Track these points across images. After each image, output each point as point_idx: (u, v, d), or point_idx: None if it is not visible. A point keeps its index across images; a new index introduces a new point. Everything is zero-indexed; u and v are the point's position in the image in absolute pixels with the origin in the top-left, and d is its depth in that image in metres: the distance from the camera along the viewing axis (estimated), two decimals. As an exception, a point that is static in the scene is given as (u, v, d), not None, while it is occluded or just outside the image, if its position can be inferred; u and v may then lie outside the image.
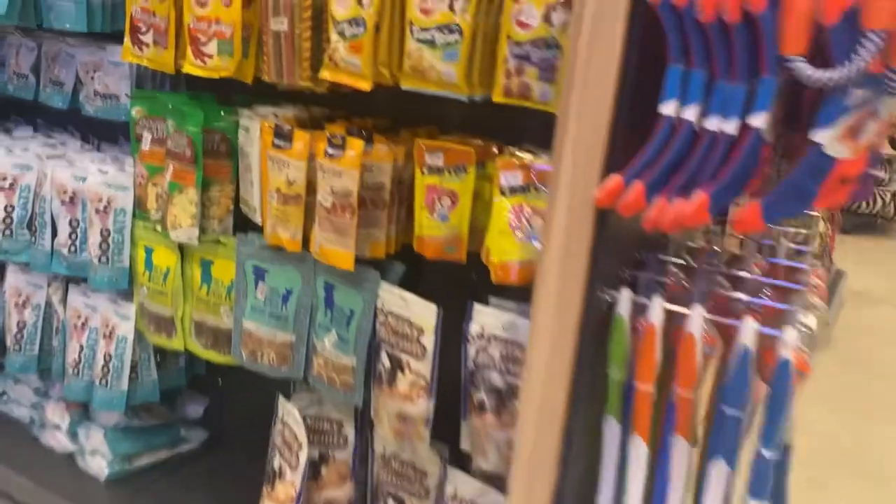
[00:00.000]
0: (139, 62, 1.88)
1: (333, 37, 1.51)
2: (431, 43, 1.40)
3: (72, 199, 2.06)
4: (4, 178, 2.17)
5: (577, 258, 1.17)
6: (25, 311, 2.27)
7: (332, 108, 1.86)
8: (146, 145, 1.94)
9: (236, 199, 1.88)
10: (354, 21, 1.46)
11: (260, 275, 1.81)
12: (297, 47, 1.59)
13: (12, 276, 2.29)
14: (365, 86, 1.49)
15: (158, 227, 1.94)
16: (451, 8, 1.37)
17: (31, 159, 2.17)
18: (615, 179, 1.11)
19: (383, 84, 1.51)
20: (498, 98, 1.40)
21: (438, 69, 1.40)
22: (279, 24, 1.59)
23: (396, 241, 1.68)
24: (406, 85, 1.47)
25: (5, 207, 2.17)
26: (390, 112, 1.80)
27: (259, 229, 1.79)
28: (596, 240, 1.17)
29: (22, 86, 2.31)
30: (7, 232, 2.18)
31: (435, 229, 1.55)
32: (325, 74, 1.55)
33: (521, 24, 1.34)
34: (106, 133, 2.31)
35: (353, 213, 1.56)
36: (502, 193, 1.43)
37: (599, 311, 1.26)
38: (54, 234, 2.12)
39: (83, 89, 2.16)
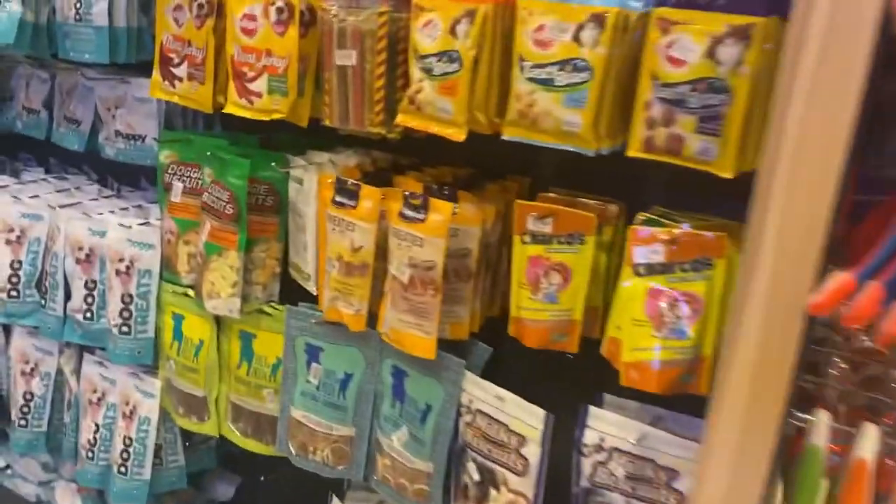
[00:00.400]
0: (170, 99, 1.60)
1: (416, 74, 1.22)
2: (549, 83, 1.10)
3: (88, 258, 1.76)
4: (11, 230, 1.88)
5: (775, 376, 0.87)
6: (33, 380, 1.98)
7: (399, 153, 1.56)
8: (177, 196, 1.65)
9: (284, 261, 1.59)
10: (446, 55, 1.17)
11: (313, 354, 1.50)
12: (367, 86, 1.30)
13: (19, 340, 2.01)
14: (458, 135, 1.19)
15: (191, 293, 1.64)
16: (576, 39, 1.07)
17: (42, 208, 1.89)
18: (844, 279, 0.80)
19: (478, 132, 1.21)
20: (635, 153, 1.10)
21: (558, 116, 1.10)
22: (346, 58, 1.30)
23: (480, 316, 1.38)
24: (510, 135, 1.17)
25: (11, 264, 1.88)
26: (470, 157, 1.48)
27: (313, 299, 1.50)
28: (800, 351, 0.86)
29: (33, 122, 2.03)
30: (13, 292, 1.89)
31: (539, 312, 1.25)
32: (405, 120, 1.25)
33: (673, 61, 1.03)
34: (126, 174, 2.02)
35: (437, 291, 1.26)
36: (636, 273, 1.12)
37: (783, 435, 0.96)
38: (67, 296, 1.82)
39: (103, 128, 1.87)
